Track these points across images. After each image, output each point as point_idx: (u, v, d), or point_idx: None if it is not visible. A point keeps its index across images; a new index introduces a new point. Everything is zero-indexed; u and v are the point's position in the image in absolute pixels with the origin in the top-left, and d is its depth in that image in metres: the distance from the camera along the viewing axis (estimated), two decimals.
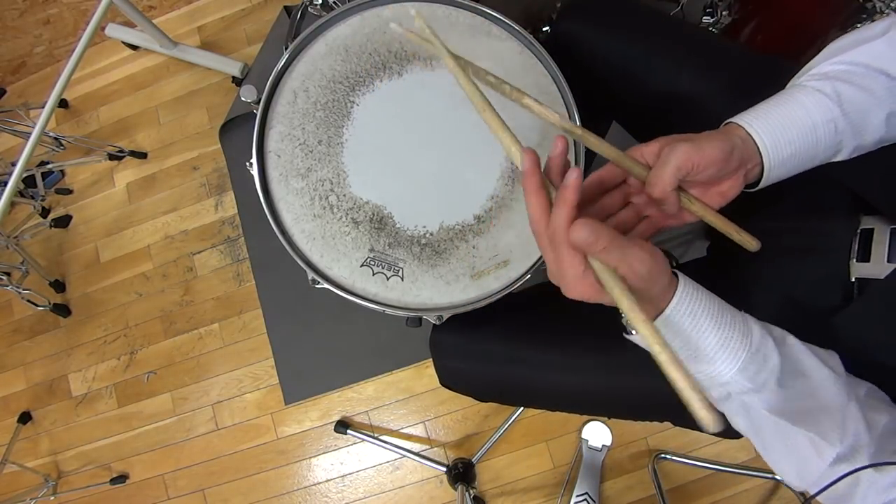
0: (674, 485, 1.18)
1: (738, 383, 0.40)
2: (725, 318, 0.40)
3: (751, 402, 0.41)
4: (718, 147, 0.42)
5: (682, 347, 0.40)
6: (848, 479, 0.39)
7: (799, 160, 0.44)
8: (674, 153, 0.42)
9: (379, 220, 0.61)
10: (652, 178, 0.44)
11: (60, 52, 1.50)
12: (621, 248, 0.36)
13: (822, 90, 0.43)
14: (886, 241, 0.45)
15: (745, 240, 0.49)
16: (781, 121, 0.43)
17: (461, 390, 0.73)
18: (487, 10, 0.66)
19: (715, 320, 0.40)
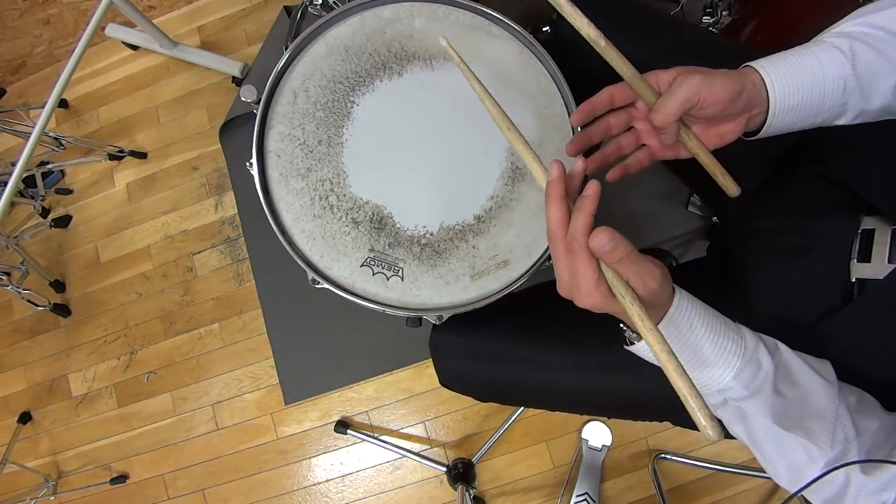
0: (674, 485, 1.18)
1: (733, 389, 0.42)
2: (719, 327, 0.42)
3: (746, 408, 0.42)
4: (728, 87, 0.43)
5: (680, 355, 0.40)
6: (838, 483, 0.40)
7: (803, 112, 0.45)
8: (684, 84, 0.44)
9: (379, 220, 0.61)
10: (658, 105, 0.46)
11: (60, 52, 1.50)
12: (637, 261, 0.38)
13: (839, 47, 0.44)
14: (887, 242, 0.45)
15: (727, 183, 0.51)
16: (793, 69, 0.44)
17: (461, 390, 0.73)
18: (487, 10, 0.66)
19: (710, 329, 0.41)
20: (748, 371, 0.41)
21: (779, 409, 0.42)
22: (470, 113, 0.64)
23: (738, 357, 0.41)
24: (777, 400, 0.42)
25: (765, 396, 0.42)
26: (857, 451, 0.40)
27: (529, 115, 0.64)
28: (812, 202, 0.53)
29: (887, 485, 0.38)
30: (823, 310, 0.49)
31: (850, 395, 0.43)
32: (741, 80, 0.44)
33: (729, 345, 0.41)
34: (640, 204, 1.24)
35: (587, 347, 0.61)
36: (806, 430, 0.41)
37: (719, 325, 0.42)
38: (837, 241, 0.48)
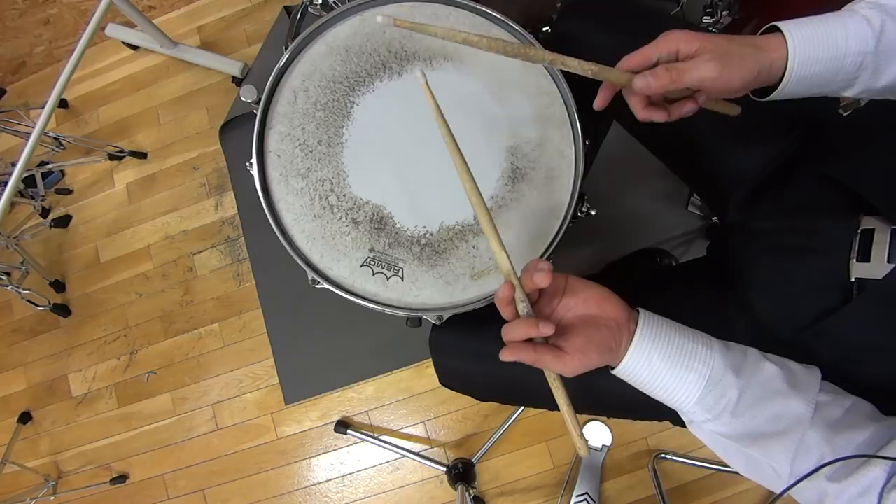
0: (674, 485, 1.18)
1: (696, 413, 0.45)
2: (683, 361, 0.44)
3: (712, 428, 0.45)
4: (743, 77, 0.44)
5: (647, 383, 0.46)
6: (812, 498, 0.41)
7: (814, 83, 0.45)
8: (698, 71, 0.44)
9: (379, 220, 0.61)
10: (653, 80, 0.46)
11: (60, 52, 1.50)
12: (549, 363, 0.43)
13: (871, 21, 0.43)
14: (887, 242, 0.45)
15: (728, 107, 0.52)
16: (819, 40, 0.44)
17: (461, 390, 0.73)
18: (487, 10, 0.66)
19: (670, 363, 0.44)
20: (710, 398, 0.44)
21: (742, 430, 0.44)
22: (470, 113, 0.64)
23: (698, 388, 0.44)
24: (739, 422, 0.44)
25: (725, 421, 0.44)
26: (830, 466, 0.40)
27: (529, 115, 0.64)
28: (812, 202, 0.53)
29: (866, 489, 0.37)
30: (823, 309, 0.49)
31: (834, 408, 0.43)
32: (758, 64, 0.44)
33: (690, 377, 0.44)
34: (640, 204, 1.24)
35: None
36: (768, 450, 0.42)
37: (682, 357, 0.44)
38: (837, 240, 0.48)
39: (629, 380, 0.46)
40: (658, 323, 0.46)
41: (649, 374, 0.45)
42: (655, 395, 0.46)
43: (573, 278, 0.48)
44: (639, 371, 0.45)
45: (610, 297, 0.46)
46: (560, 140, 0.64)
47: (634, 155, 0.87)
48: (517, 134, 0.64)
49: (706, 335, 0.47)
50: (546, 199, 0.63)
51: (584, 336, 0.44)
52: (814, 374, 0.46)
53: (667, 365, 0.44)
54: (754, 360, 0.45)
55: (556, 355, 0.43)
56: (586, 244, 1.24)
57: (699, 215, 1.23)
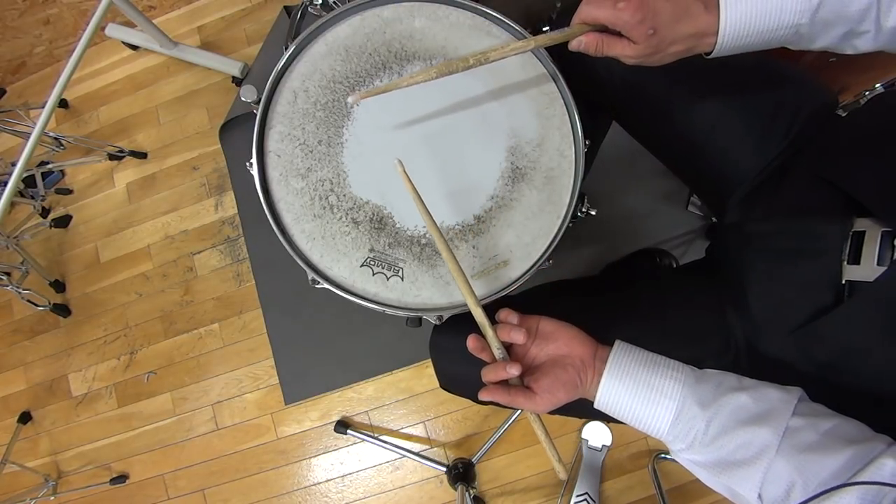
0: (674, 485, 1.18)
1: (671, 443, 0.48)
2: (649, 397, 0.47)
3: (687, 457, 0.48)
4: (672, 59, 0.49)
5: (620, 416, 0.49)
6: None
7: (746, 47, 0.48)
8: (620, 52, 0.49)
9: (379, 220, 0.61)
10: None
11: (60, 52, 1.50)
12: (522, 404, 0.48)
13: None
14: (877, 244, 0.45)
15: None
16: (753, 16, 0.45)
17: (461, 393, 0.72)
18: (487, 10, 0.66)
19: (638, 399, 0.47)
20: (679, 429, 0.46)
21: (713, 459, 0.45)
22: (470, 113, 0.64)
23: (667, 422, 0.47)
24: (709, 451, 0.45)
25: (696, 451, 0.46)
26: (801, 494, 0.39)
27: (529, 115, 0.64)
28: (806, 204, 0.53)
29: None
30: (816, 311, 0.49)
31: (807, 433, 0.42)
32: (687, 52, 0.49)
33: (658, 411, 0.47)
34: (640, 204, 1.24)
35: None
36: (735, 478, 0.43)
37: (649, 393, 0.47)
38: (830, 242, 0.48)
39: (608, 412, 0.50)
40: (627, 359, 0.49)
41: (621, 408, 0.48)
42: (633, 426, 0.49)
43: (544, 321, 0.52)
44: (612, 406, 0.49)
45: (577, 336, 0.50)
46: (560, 140, 0.64)
47: (634, 155, 0.87)
48: (517, 134, 0.64)
49: (680, 365, 0.49)
50: (546, 199, 0.63)
51: (551, 376, 0.48)
52: (790, 398, 0.44)
53: (635, 400, 0.47)
54: (726, 389, 0.46)
55: (528, 396, 0.48)
56: (586, 244, 1.24)
57: (699, 215, 1.23)
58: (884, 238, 0.45)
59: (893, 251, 0.44)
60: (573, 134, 0.64)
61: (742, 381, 0.47)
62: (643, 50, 0.48)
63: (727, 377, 0.48)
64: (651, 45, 0.47)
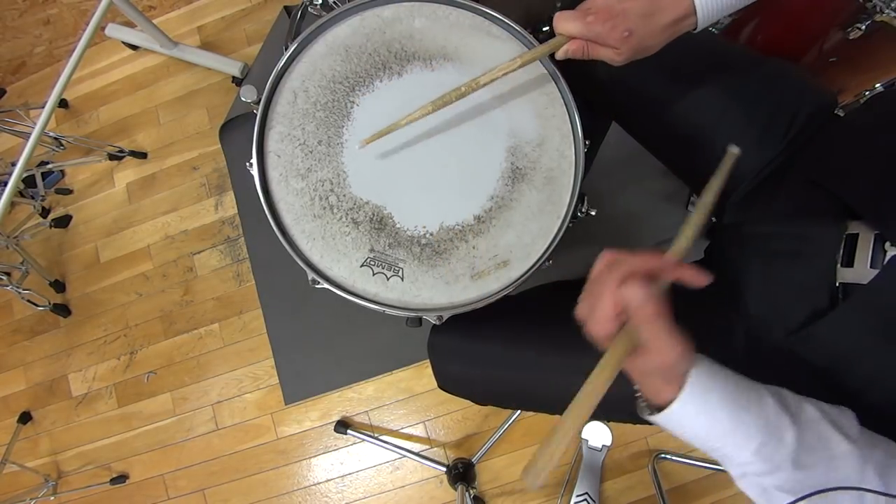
0: (674, 485, 1.18)
1: (752, 465, 0.40)
2: (740, 401, 0.40)
3: (766, 482, 0.40)
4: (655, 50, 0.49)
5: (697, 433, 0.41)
6: None
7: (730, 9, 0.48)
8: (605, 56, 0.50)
9: (379, 220, 0.61)
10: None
11: (60, 52, 1.50)
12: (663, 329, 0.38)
13: None
14: (870, 247, 0.45)
15: None
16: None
17: (460, 394, 0.73)
18: (487, 10, 0.66)
19: (729, 404, 0.39)
20: (769, 447, 0.39)
21: (801, 483, 0.39)
22: (470, 113, 0.64)
23: (759, 431, 0.39)
24: (799, 474, 0.39)
25: (786, 472, 0.39)
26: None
27: (529, 115, 0.64)
28: (801, 206, 0.54)
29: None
30: (812, 313, 0.49)
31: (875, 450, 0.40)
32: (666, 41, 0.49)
33: (749, 419, 0.39)
34: (640, 204, 1.24)
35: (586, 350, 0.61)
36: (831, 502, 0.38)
37: (740, 398, 0.40)
38: (824, 245, 0.48)
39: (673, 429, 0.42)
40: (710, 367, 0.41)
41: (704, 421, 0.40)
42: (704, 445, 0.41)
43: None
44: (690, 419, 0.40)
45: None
46: (560, 140, 0.64)
47: (634, 155, 0.87)
48: (517, 134, 0.64)
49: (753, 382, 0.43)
50: (546, 199, 0.63)
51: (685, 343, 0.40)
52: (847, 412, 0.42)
53: (724, 408, 0.39)
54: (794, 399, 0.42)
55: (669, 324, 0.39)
56: (586, 244, 1.24)
57: None
58: (876, 241, 0.45)
59: (885, 254, 0.44)
60: (573, 134, 0.64)
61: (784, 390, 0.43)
62: (625, 53, 0.48)
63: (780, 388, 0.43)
64: (631, 46, 0.48)
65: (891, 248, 0.44)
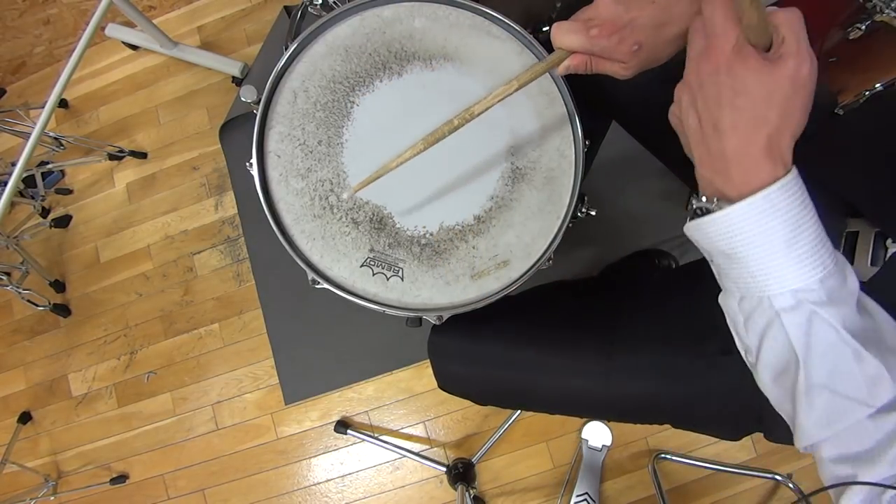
0: (674, 485, 1.18)
1: (815, 292, 0.36)
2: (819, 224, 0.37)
3: (823, 315, 0.36)
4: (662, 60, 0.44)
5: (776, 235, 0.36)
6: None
7: None
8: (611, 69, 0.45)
9: (379, 220, 0.61)
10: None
11: (60, 52, 1.50)
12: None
13: None
14: (870, 245, 0.45)
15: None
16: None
17: (460, 394, 0.73)
18: (487, 10, 0.66)
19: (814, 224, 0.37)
20: (835, 279, 0.37)
21: (857, 326, 0.37)
22: None
23: (831, 260, 0.36)
24: (857, 317, 0.37)
25: (846, 309, 0.37)
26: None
27: (529, 115, 0.64)
28: None
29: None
30: None
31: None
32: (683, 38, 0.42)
33: (826, 244, 0.37)
34: (640, 204, 1.24)
35: (586, 351, 0.61)
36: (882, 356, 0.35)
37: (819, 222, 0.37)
38: None
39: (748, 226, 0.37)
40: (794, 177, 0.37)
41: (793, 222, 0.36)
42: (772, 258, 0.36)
43: None
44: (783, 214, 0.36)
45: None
46: (560, 140, 0.64)
47: (634, 155, 0.87)
48: (517, 134, 0.64)
49: None
50: (546, 200, 0.63)
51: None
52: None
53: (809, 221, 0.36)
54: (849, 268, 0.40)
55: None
56: (586, 244, 1.24)
57: None
58: (876, 238, 0.45)
59: (886, 252, 0.44)
60: (573, 134, 0.64)
61: None
62: (633, 67, 0.45)
63: None
64: (640, 59, 0.44)
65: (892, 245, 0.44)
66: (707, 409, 0.56)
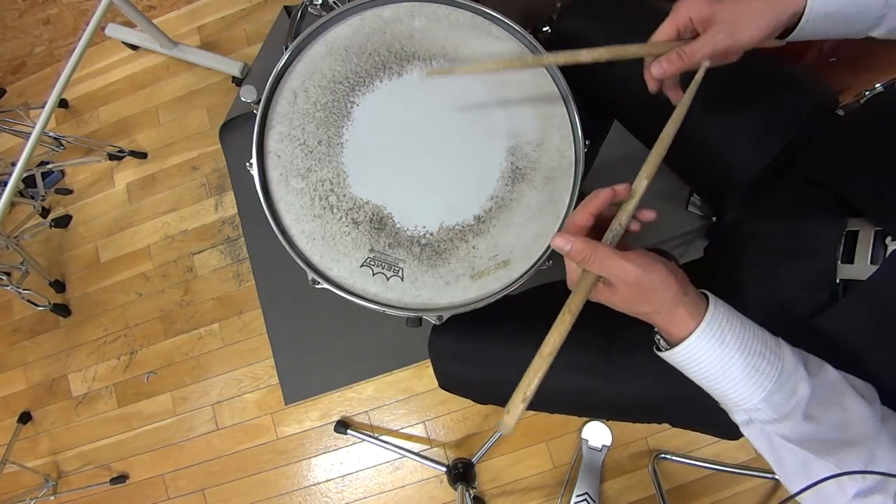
0: (674, 485, 1.18)
1: (761, 412, 0.40)
2: (756, 346, 0.40)
3: (773, 430, 0.41)
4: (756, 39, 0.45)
5: (711, 369, 0.41)
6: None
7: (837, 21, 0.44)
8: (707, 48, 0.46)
9: (379, 220, 0.61)
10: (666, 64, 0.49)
11: (60, 52, 1.50)
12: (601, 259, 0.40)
13: None
14: (870, 243, 0.45)
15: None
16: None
17: (461, 393, 0.72)
18: (488, 10, 0.66)
19: (744, 347, 0.40)
20: (780, 395, 0.39)
21: (809, 435, 0.39)
22: (470, 113, 0.64)
23: (770, 380, 0.39)
24: (808, 426, 0.39)
25: (794, 422, 0.39)
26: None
27: (529, 116, 0.64)
28: (801, 204, 0.54)
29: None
30: (812, 309, 0.49)
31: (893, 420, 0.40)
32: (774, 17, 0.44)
33: (763, 366, 0.39)
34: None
35: (586, 350, 0.61)
36: (837, 459, 0.38)
37: (756, 343, 0.40)
38: (825, 242, 0.48)
39: (687, 365, 0.42)
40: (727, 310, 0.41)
41: (718, 357, 0.40)
42: (716, 385, 0.41)
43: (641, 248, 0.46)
44: (705, 354, 0.40)
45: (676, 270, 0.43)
46: (560, 140, 0.64)
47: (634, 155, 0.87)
48: (517, 134, 0.64)
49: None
50: (546, 199, 0.63)
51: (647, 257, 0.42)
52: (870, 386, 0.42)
53: (740, 349, 0.39)
54: (816, 360, 0.42)
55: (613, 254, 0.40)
56: None
57: (699, 215, 1.23)
58: (876, 237, 0.45)
59: (886, 250, 0.44)
60: (573, 134, 0.64)
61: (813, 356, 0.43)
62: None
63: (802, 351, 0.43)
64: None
65: (891, 243, 0.44)
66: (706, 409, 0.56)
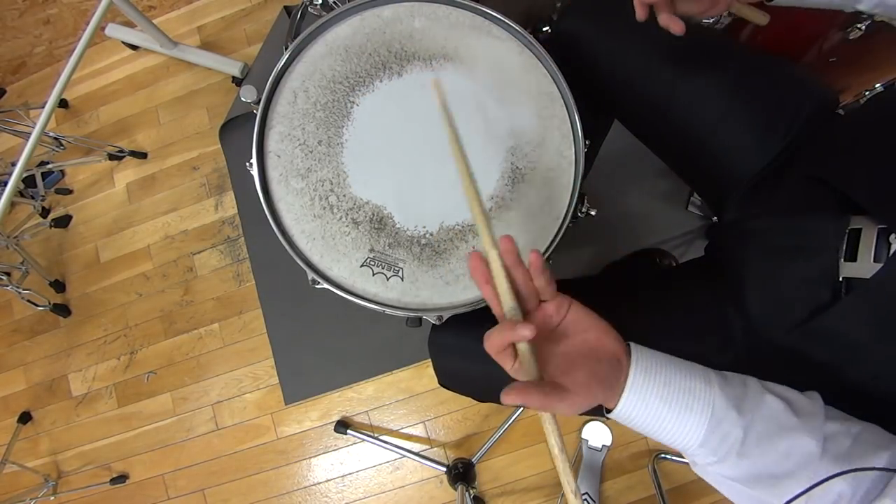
0: (674, 485, 1.18)
1: (699, 455, 0.43)
2: (681, 399, 0.42)
3: (716, 471, 0.44)
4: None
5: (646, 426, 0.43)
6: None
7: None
8: None
9: (379, 220, 0.61)
10: None
11: (60, 52, 1.50)
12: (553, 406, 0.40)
13: None
14: (873, 241, 0.45)
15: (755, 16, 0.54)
16: None
17: (461, 391, 0.73)
18: (488, 10, 0.66)
19: (669, 403, 0.42)
20: (714, 439, 0.42)
21: (753, 471, 0.42)
22: (470, 113, 0.64)
23: (701, 428, 0.41)
24: (746, 464, 0.42)
25: (731, 463, 0.42)
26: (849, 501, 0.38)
27: (529, 116, 0.64)
28: (803, 202, 0.53)
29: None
30: (814, 308, 0.49)
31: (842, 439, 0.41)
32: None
33: (690, 419, 0.42)
34: (640, 204, 1.24)
35: None
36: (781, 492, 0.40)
37: (681, 396, 0.42)
38: (827, 240, 0.48)
39: (628, 423, 0.44)
40: (652, 360, 0.43)
41: (648, 416, 0.42)
42: (657, 437, 0.44)
43: (576, 304, 0.45)
44: (637, 414, 0.42)
45: (610, 331, 0.44)
46: (560, 140, 0.64)
47: (634, 155, 0.87)
48: (517, 134, 0.64)
49: (702, 367, 0.45)
50: (546, 200, 0.63)
51: (586, 370, 0.41)
52: (816, 402, 0.44)
53: (666, 406, 0.42)
54: (755, 392, 0.43)
55: (561, 396, 0.40)
56: (586, 244, 1.24)
57: (699, 215, 1.23)
58: (879, 235, 0.45)
59: (889, 248, 0.44)
60: (573, 134, 0.64)
61: (763, 383, 0.44)
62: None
63: (749, 378, 0.44)
64: None
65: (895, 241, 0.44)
66: None
